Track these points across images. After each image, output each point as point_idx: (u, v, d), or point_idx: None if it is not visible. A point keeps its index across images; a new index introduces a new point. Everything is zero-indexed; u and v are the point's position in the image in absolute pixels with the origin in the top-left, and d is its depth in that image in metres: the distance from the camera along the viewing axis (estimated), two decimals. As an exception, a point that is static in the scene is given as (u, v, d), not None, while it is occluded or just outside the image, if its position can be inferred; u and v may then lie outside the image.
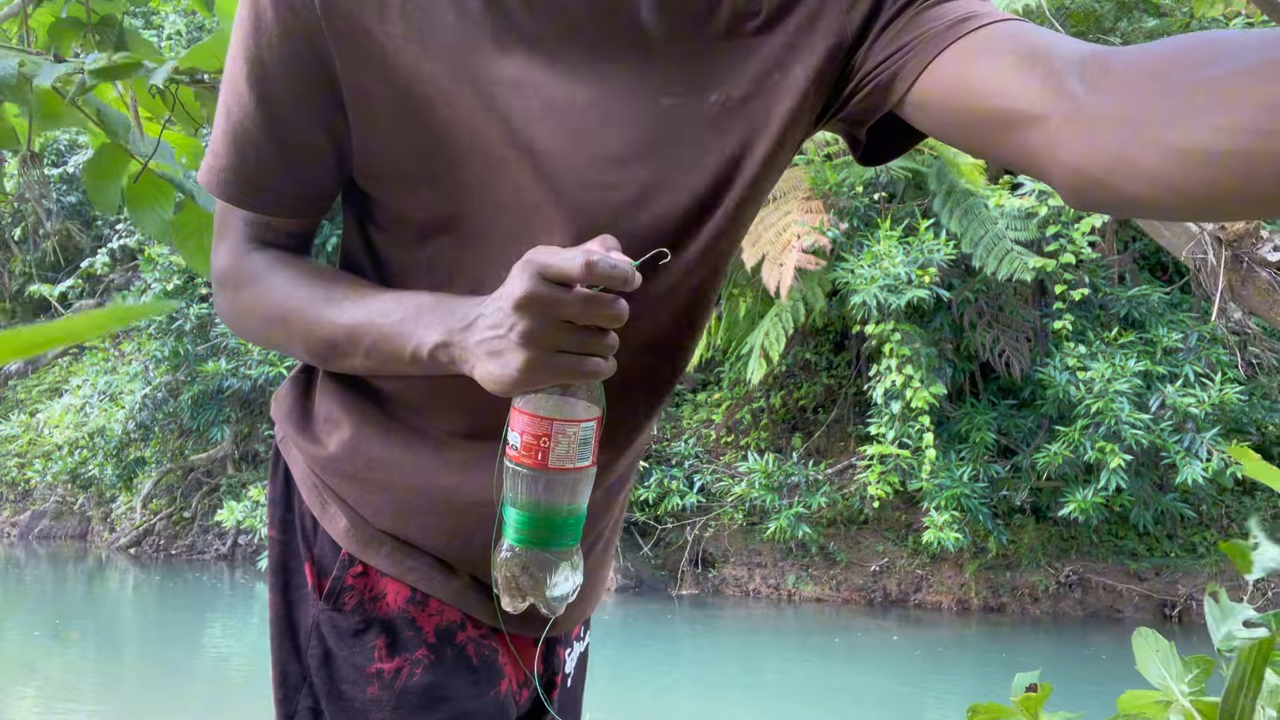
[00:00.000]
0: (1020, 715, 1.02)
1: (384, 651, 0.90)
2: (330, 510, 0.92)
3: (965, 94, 0.73)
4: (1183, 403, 8.62)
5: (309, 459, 0.94)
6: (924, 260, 8.94)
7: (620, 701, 6.97)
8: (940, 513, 8.88)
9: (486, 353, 0.72)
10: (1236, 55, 0.55)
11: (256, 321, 0.89)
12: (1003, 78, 0.71)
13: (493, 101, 0.79)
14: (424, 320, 0.78)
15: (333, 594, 0.91)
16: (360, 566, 0.91)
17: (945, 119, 0.76)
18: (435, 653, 0.91)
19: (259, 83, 0.81)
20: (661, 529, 10.80)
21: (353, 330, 0.81)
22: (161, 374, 12.22)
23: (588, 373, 0.71)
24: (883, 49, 0.80)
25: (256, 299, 0.88)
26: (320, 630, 0.91)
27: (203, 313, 12.11)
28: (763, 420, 11.09)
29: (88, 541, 13.53)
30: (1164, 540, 9.86)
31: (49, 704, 6.86)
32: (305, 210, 0.89)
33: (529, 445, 0.73)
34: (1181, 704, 0.96)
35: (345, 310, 0.82)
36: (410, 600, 0.91)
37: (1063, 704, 1.08)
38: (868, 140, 0.88)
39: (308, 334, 0.85)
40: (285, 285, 0.86)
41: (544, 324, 0.69)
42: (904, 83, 0.78)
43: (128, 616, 10.24)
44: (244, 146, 0.84)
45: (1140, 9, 10.54)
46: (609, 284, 0.68)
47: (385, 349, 0.80)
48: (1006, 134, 0.70)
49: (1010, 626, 9.52)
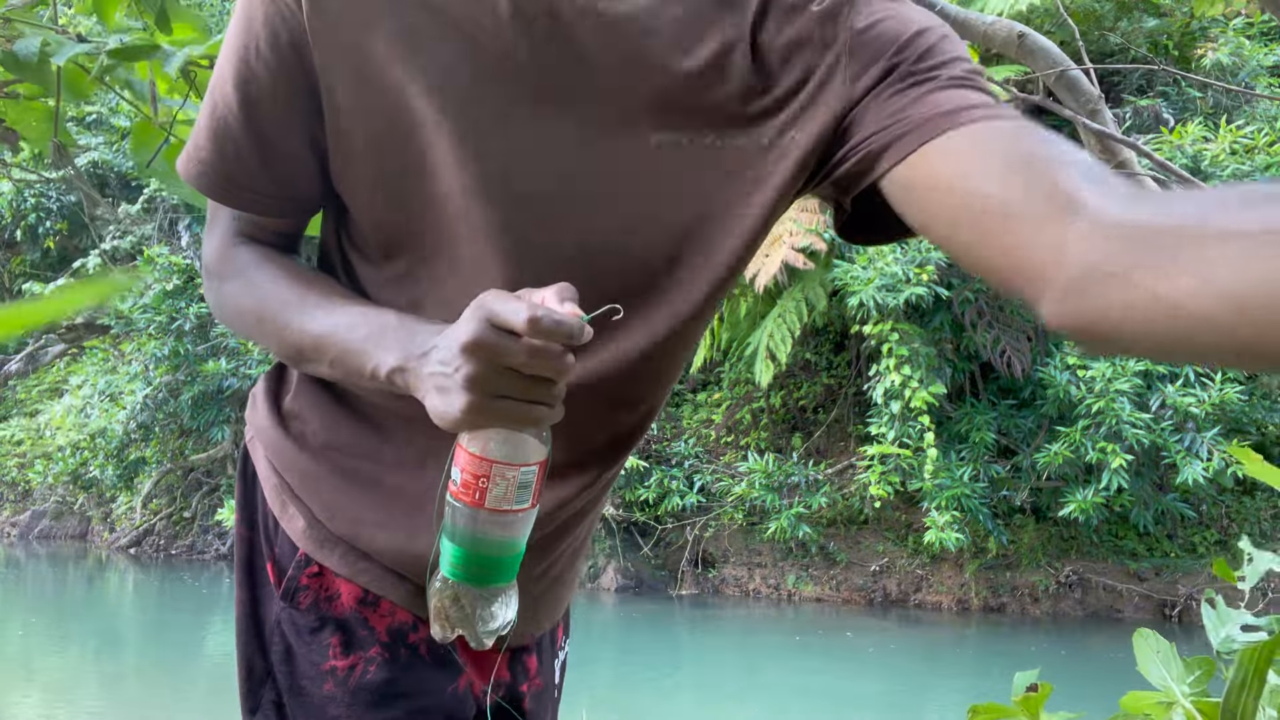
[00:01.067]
0: (1021, 715, 1.02)
1: (339, 649, 0.91)
2: (289, 511, 0.93)
3: (959, 184, 0.70)
4: (1183, 402, 8.63)
5: (274, 455, 0.96)
6: (921, 259, 8.95)
7: (620, 701, 6.97)
8: (942, 513, 8.88)
9: (434, 387, 0.72)
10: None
11: (236, 315, 0.91)
12: (1005, 177, 0.68)
13: (473, 137, 0.79)
14: (385, 341, 0.78)
15: (289, 592, 0.92)
16: (316, 566, 0.92)
17: (931, 206, 0.73)
18: (389, 651, 0.92)
19: (244, 83, 0.82)
20: (661, 529, 10.80)
21: (319, 340, 0.82)
22: (162, 374, 12.22)
23: (529, 420, 0.71)
24: (877, 116, 0.77)
25: (237, 293, 0.89)
26: (281, 627, 0.92)
27: (202, 313, 12.11)
28: (763, 420, 11.09)
29: (88, 541, 13.54)
30: (1164, 540, 9.86)
31: (49, 704, 6.86)
32: (285, 211, 0.90)
33: (467, 484, 0.73)
34: (1183, 704, 0.96)
35: (315, 318, 0.83)
36: (362, 601, 0.92)
37: (1062, 704, 1.08)
38: (853, 215, 0.87)
39: (279, 336, 0.86)
40: (264, 284, 0.87)
41: (488, 369, 0.68)
42: (892, 157, 0.75)
43: (128, 616, 10.25)
44: (224, 143, 0.85)
45: (1140, 9, 10.54)
46: (553, 340, 0.67)
47: (348, 363, 0.81)
48: (999, 237, 0.66)
49: (1010, 626, 9.51)
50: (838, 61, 0.80)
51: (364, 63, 0.79)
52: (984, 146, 0.71)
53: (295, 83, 0.81)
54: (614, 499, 10.58)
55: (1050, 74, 1.85)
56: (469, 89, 0.79)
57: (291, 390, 0.97)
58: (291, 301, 0.85)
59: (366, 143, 0.82)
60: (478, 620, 0.78)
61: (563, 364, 0.69)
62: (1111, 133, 1.83)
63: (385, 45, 0.78)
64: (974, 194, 0.69)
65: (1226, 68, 10.10)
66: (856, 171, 0.79)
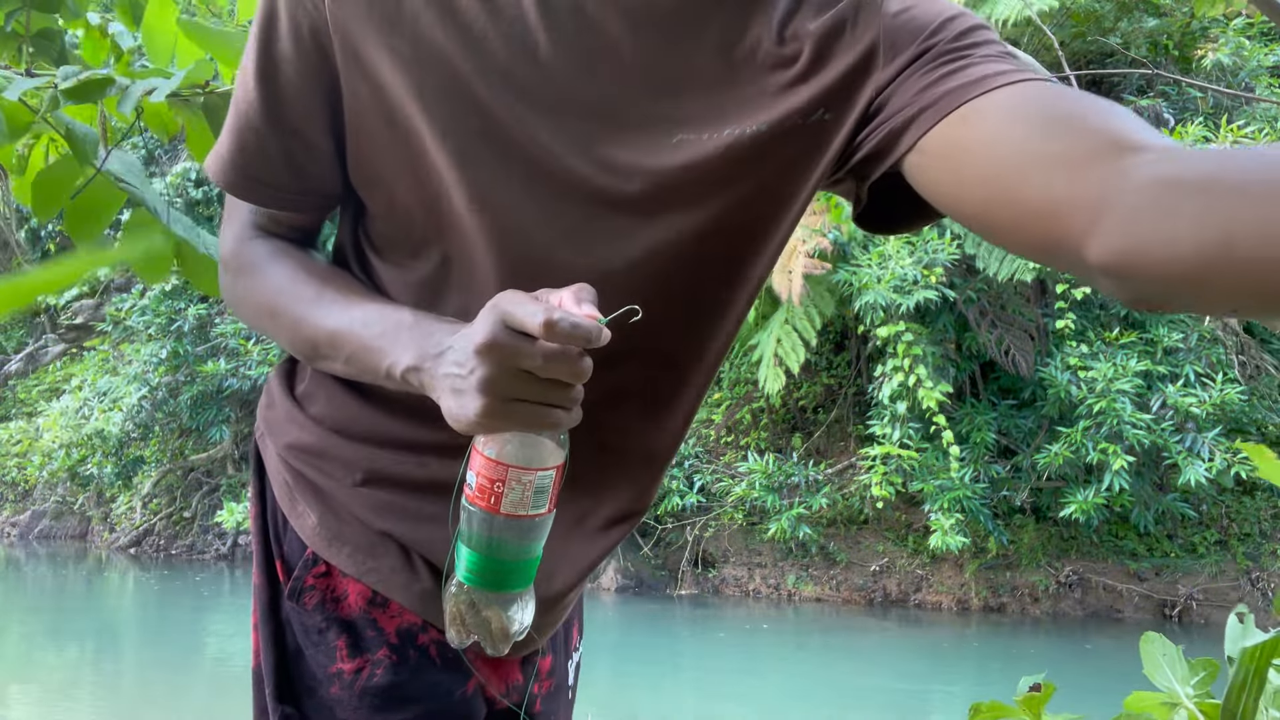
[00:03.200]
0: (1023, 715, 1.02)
1: (345, 652, 0.89)
2: (299, 508, 0.92)
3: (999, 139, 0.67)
4: (1184, 402, 8.62)
5: (283, 448, 0.94)
6: (929, 260, 8.95)
7: (620, 701, 6.97)
8: (946, 515, 8.88)
9: (449, 389, 0.71)
10: None
11: (251, 309, 0.90)
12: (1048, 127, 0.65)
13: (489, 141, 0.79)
14: (401, 339, 0.77)
15: (295, 592, 0.91)
16: (323, 566, 0.91)
17: (965, 169, 0.69)
18: (397, 653, 0.90)
19: (266, 77, 0.82)
20: (661, 529, 10.80)
21: (334, 335, 0.81)
22: (161, 374, 12.22)
23: (545, 424, 0.70)
24: (904, 95, 0.75)
25: (253, 287, 0.89)
26: (291, 626, 0.92)
27: (202, 313, 12.11)
28: (763, 420, 11.09)
29: (88, 541, 13.53)
30: (1164, 540, 9.86)
31: (49, 704, 6.86)
32: (303, 206, 0.90)
33: (483, 488, 0.72)
34: (1186, 706, 0.96)
35: (331, 314, 0.82)
36: (371, 602, 0.90)
37: (1062, 704, 1.08)
38: (870, 204, 0.84)
39: (294, 331, 0.85)
40: (280, 278, 0.86)
41: (502, 372, 0.67)
42: (919, 129, 0.73)
43: (127, 617, 10.24)
44: (246, 135, 0.85)
45: (1140, 9, 10.54)
46: (570, 343, 0.66)
47: (363, 360, 0.80)
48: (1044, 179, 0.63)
49: (1010, 626, 9.51)
50: (872, 47, 0.78)
51: (384, 58, 0.78)
52: (1021, 105, 0.68)
53: (317, 75, 0.81)
54: (614, 499, 10.57)
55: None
56: (493, 84, 0.79)
57: (305, 379, 0.96)
58: (307, 296, 0.84)
59: (384, 137, 0.81)
60: (493, 626, 0.77)
61: (579, 367, 0.68)
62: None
63: (407, 40, 0.78)
64: (1014, 145, 0.66)
65: (1227, 68, 10.10)
66: (878, 150, 0.77)
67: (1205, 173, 0.55)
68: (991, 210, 0.67)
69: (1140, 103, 10.18)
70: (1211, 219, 0.53)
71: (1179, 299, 0.57)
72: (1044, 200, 0.63)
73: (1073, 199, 0.61)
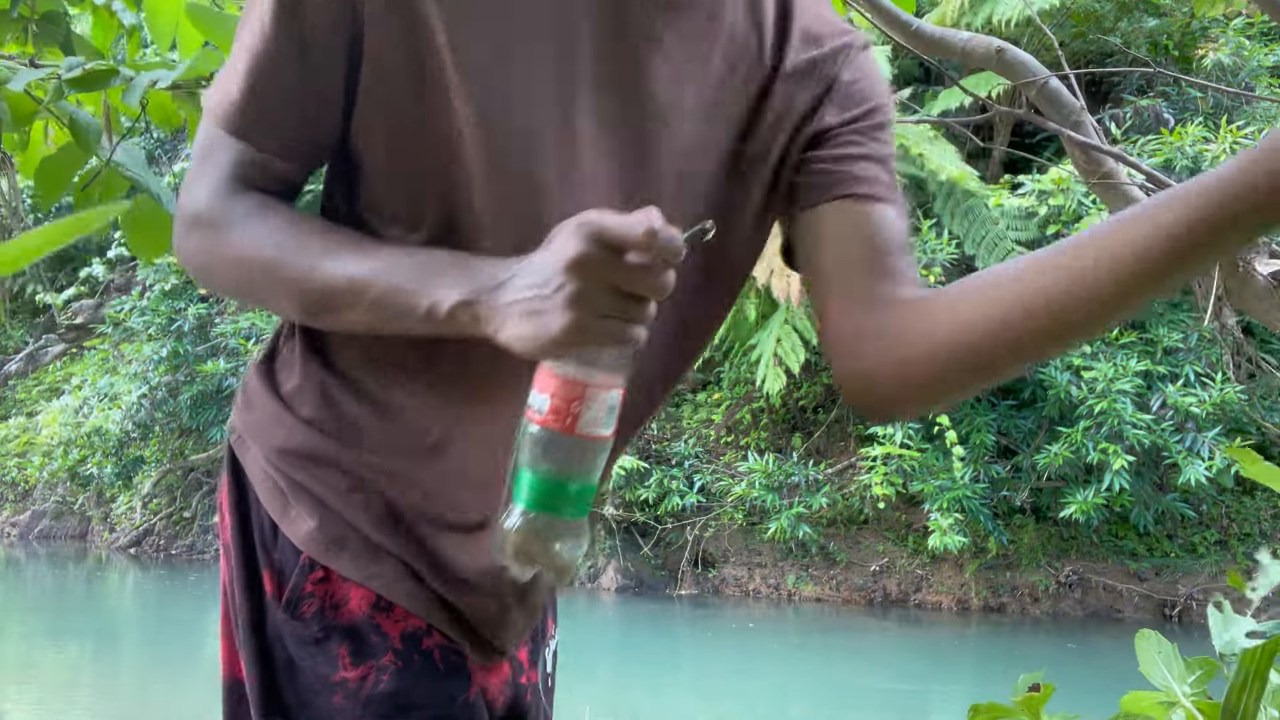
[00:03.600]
0: (1021, 715, 1.02)
1: (348, 660, 0.87)
2: (292, 513, 0.90)
3: (836, 251, 0.88)
4: (1184, 402, 8.63)
5: (272, 451, 0.91)
6: (928, 260, 8.95)
7: (620, 701, 6.97)
8: (945, 516, 8.89)
9: (522, 312, 0.71)
10: None
11: (230, 266, 0.84)
12: (860, 273, 0.86)
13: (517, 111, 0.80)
14: (446, 277, 0.75)
15: (291, 602, 0.89)
16: (321, 572, 0.89)
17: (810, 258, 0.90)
18: (402, 659, 0.89)
19: (290, 19, 0.79)
20: (661, 529, 10.80)
21: (354, 281, 0.78)
22: (161, 374, 12.22)
23: (628, 339, 0.71)
24: (828, 153, 0.89)
25: (240, 241, 0.82)
26: (283, 639, 0.89)
27: (202, 312, 12.12)
28: (763, 420, 11.09)
29: (88, 541, 13.53)
30: (1164, 540, 9.86)
31: (49, 704, 6.86)
32: (299, 155, 0.86)
33: (558, 409, 0.72)
34: (1184, 705, 0.96)
35: (345, 262, 0.79)
36: (375, 606, 0.89)
37: (1062, 704, 1.08)
38: None
39: (300, 283, 0.80)
40: (277, 230, 0.82)
41: (593, 287, 0.68)
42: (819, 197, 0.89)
43: (127, 616, 10.25)
44: (262, 79, 0.81)
45: (1140, 9, 10.54)
46: (664, 255, 0.68)
47: (393, 302, 0.77)
48: (849, 298, 0.86)
49: (1010, 626, 9.52)
50: (825, 94, 0.91)
51: (417, 15, 0.78)
52: (868, 229, 0.88)
53: (342, 25, 0.79)
54: (614, 499, 10.59)
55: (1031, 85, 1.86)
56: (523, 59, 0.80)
57: (292, 378, 0.93)
58: (313, 246, 0.80)
59: (405, 79, 0.80)
60: (556, 553, 0.76)
61: (666, 281, 0.69)
62: (1094, 143, 1.84)
63: (437, 4, 0.78)
64: (848, 265, 0.88)
65: (1227, 68, 10.10)
66: (805, 184, 0.90)
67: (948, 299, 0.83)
68: (818, 297, 0.90)
69: (1140, 103, 10.18)
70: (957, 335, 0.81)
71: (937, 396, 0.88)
72: (849, 319, 0.88)
73: (862, 330, 0.87)
